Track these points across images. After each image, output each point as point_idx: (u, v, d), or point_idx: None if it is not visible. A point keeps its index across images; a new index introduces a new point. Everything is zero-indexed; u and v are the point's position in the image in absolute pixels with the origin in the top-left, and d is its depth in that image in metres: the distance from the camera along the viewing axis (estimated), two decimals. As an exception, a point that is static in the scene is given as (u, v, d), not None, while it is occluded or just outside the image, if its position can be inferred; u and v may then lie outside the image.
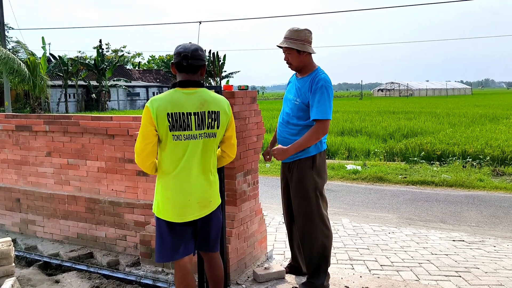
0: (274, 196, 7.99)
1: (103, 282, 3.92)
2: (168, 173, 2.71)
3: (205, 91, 2.77)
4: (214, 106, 2.73)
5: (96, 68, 41.42)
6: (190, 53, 2.69)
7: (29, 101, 34.10)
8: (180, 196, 2.70)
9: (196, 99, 2.69)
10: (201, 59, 2.75)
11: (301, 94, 3.51)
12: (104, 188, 4.65)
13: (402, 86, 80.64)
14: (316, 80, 3.44)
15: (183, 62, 2.69)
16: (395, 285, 3.74)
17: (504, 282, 3.85)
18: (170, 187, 2.71)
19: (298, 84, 3.58)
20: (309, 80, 3.48)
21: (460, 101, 43.88)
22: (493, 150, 11.18)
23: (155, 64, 70.79)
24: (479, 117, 21.73)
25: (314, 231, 3.54)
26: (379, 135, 15.58)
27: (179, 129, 2.64)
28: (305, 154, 3.51)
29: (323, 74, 3.49)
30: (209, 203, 2.79)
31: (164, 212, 2.73)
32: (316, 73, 3.49)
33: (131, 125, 4.36)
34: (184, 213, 2.72)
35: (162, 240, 2.79)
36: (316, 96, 3.39)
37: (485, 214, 6.66)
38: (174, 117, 2.62)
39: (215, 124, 2.73)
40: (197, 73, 2.76)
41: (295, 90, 3.60)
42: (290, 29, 3.50)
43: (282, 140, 3.63)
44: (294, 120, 3.55)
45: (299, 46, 3.45)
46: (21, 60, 20.50)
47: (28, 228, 5.16)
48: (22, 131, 5.12)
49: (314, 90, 3.42)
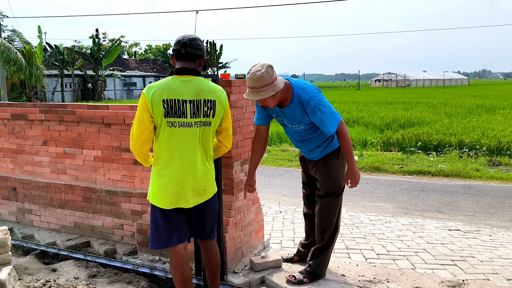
0: (271, 185, 8.01)
1: (100, 271, 3.92)
2: (163, 160, 2.72)
3: (202, 80, 2.77)
4: (210, 95, 2.73)
5: (92, 57, 41.13)
6: (188, 41, 2.71)
7: (25, 90, 33.88)
8: (174, 183, 2.70)
9: (192, 87, 2.69)
10: (199, 49, 2.75)
11: (299, 121, 3.38)
12: (100, 177, 4.64)
13: (399, 76, 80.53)
14: (305, 103, 3.27)
15: (181, 50, 2.70)
16: (391, 274, 3.76)
17: (499, 270, 3.88)
18: (165, 174, 2.72)
19: (287, 113, 3.38)
20: (296, 107, 3.32)
21: (457, 92, 43.88)
22: (490, 140, 11.22)
23: (152, 53, 70.38)
24: (476, 108, 21.75)
25: (335, 213, 3.60)
26: (376, 126, 15.59)
27: (174, 116, 2.64)
28: (331, 148, 3.54)
29: (302, 93, 3.29)
30: (203, 191, 2.79)
31: (158, 199, 2.74)
32: (298, 97, 3.29)
33: (127, 114, 4.34)
34: (178, 201, 2.72)
35: (156, 227, 2.80)
36: (317, 116, 3.28)
37: (481, 203, 6.69)
38: (170, 103, 2.63)
39: (211, 113, 2.73)
40: (195, 62, 2.76)
41: (288, 118, 3.42)
42: (251, 78, 3.13)
43: (312, 149, 3.57)
44: (308, 136, 3.49)
45: (271, 90, 3.14)
46: (16, 49, 20.35)
47: (24, 217, 5.15)
48: (17, 120, 5.09)
49: (310, 113, 3.28)
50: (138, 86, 48.18)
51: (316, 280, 3.59)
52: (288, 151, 11.74)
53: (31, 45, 25.23)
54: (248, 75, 3.18)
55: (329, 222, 3.59)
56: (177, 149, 2.69)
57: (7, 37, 26.41)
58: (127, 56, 66.71)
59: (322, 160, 3.56)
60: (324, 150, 3.54)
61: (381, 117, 17.33)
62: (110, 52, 41.66)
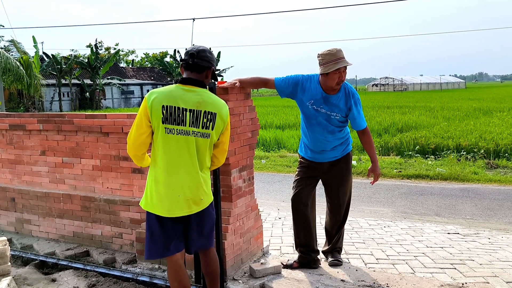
0: (270, 192, 8.01)
1: (99, 280, 3.91)
2: (160, 167, 2.73)
3: (206, 92, 2.80)
4: (211, 107, 2.75)
5: (90, 67, 41.17)
6: (196, 52, 2.75)
7: (22, 100, 33.89)
8: (170, 191, 2.72)
9: (194, 97, 2.72)
10: (207, 60, 2.78)
11: (340, 110, 3.78)
12: (99, 186, 4.64)
13: (396, 81, 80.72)
14: (351, 94, 3.78)
15: (189, 60, 2.76)
16: (391, 278, 3.76)
17: (499, 273, 3.88)
18: (161, 181, 2.73)
19: (332, 101, 3.77)
20: (343, 95, 3.77)
21: (454, 95, 44.02)
22: (487, 143, 11.25)
23: (149, 61, 70.51)
24: (473, 111, 21.82)
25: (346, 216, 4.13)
26: (374, 130, 15.61)
27: (173, 123, 2.67)
28: (346, 151, 4.00)
29: (350, 87, 3.83)
30: (200, 201, 2.79)
31: (151, 205, 2.76)
32: (346, 88, 3.79)
33: (125, 123, 4.35)
34: (173, 209, 2.73)
35: (152, 236, 2.80)
36: (357, 108, 3.79)
37: (480, 206, 6.70)
38: (169, 110, 2.65)
39: (210, 125, 2.74)
40: (202, 73, 2.80)
41: (330, 105, 3.77)
42: (338, 50, 3.65)
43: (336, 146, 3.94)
44: (337, 129, 3.87)
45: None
46: (14, 59, 20.37)
47: (23, 228, 5.14)
48: (16, 130, 5.09)
49: (353, 103, 3.76)
50: (136, 94, 48.19)
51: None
52: (286, 157, 11.76)
53: (29, 55, 25.27)
54: (330, 51, 3.64)
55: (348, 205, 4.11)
56: (173, 156, 2.70)
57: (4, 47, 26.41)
58: (125, 64, 66.80)
59: (344, 159, 3.97)
60: (346, 149, 3.99)
61: (379, 122, 17.37)
62: (109, 60, 41.72)
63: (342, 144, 3.96)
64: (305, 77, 3.83)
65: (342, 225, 4.15)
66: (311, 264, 3.98)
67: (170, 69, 51.94)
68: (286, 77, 3.89)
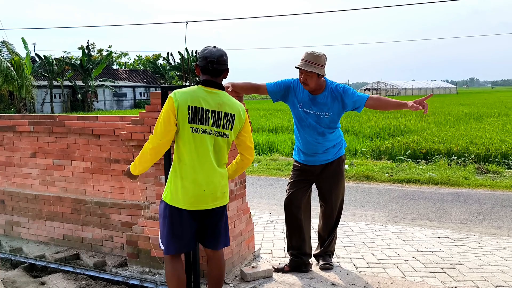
0: (261, 195, 8.01)
1: (89, 283, 3.89)
2: (185, 163, 2.83)
3: (225, 94, 2.92)
4: (230, 109, 2.89)
5: (82, 68, 40.98)
6: (216, 58, 2.86)
7: (13, 102, 33.60)
8: (196, 186, 2.83)
9: (215, 99, 2.85)
10: (225, 64, 2.92)
11: (330, 108, 3.83)
12: (90, 188, 4.62)
13: (388, 85, 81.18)
14: (336, 87, 3.85)
15: (208, 66, 2.86)
16: (381, 282, 3.77)
17: (488, 277, 3.91)
18: (187, 177, 2.83)
19: (319, 100, 3.83)
20: (329, 93, 3.83)
21: (446, 100, 44.34)
22: (478, 148, 11.33)
23: (142, 64, 70.33)
24: (464, 116, 22.00)
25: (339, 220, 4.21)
26: (366, 134, 15.68)
27: (197, 123, 2.79)
28: (339, 155, 4.02)
29: (333, 84, 3.88)
30: (222, 194, 2.92)
31: (177, 199, 2.84)
32: (331, 85, 3.85)
33: (117, 125, 4.34)
34: (197, 202, 2.84)
35: (173, 232, 2.88)
36: (350, 92, 3.82)
37: (470, 211, 6.75)
38: (194, 110, 2.78)
39: (229, 126, 2.88)
40: (221, 76, 2.93)
41: (318, 106, 3.83)
42: (310, 53, 3.72)
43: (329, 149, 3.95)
44: (328, 131, 3.89)
45: (320, 71, 3.71)
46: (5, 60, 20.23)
47: (13, 230, 5.10)
48: (6, 132, 5.05)
49: (344, 94, 3.81)
50: (128, 96, 48.02)
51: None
52: (278, 160, 11.77)
53: (20, 56, 25.12)
54: (308, 52, 3.72)
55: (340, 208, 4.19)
56: (198, 153, 2.81)
57: (-5, 48, 26.21)
58: (118, 66, 66.57)
59: (336, 162, 3.99)
60: (338, 152, 4.00)
61: (371, 126, 17.45)
62: (101, 62, 41.53)
63: (335, 146, 3.99)
64: (296, 80, 3.95)
65: (335, 229, 4.18)
66: (302, 268, 3.98)
67: (163, 72, 51.84)
68: (277, 82, 4.01)
